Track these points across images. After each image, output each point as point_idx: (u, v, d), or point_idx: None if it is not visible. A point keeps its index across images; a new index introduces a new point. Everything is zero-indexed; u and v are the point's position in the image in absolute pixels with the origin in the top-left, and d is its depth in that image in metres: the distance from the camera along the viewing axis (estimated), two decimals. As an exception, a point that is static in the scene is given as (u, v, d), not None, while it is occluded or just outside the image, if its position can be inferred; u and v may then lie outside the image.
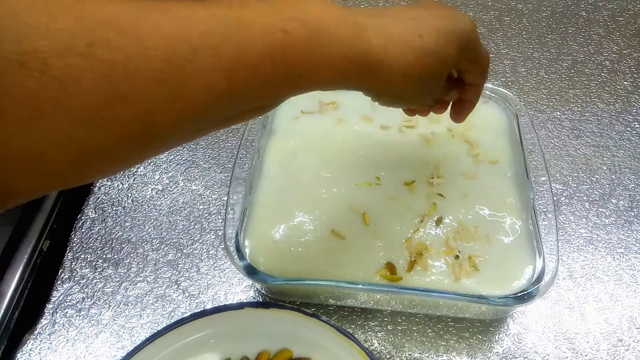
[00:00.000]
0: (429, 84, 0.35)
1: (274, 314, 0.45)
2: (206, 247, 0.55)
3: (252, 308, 0.45)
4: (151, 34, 0.25)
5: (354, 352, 0.43)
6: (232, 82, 0.27)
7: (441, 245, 0.47)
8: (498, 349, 0.48)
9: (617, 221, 0.56)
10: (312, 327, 0.44)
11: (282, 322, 0.45)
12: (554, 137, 0.64)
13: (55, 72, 0.22)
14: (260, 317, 0.45)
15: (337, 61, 0.30)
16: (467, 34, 0.36)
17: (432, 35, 0.34)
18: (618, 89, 0.69)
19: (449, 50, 0.35)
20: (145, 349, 0.43)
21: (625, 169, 0.60)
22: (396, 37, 0.32)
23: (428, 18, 0.35)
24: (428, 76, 0.34)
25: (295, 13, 0.29)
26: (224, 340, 0.46)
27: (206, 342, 0.45)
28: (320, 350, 0.45)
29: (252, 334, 0.46)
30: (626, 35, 0.75)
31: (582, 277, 0.52)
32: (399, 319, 0.50)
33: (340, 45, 0.30)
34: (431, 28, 0.34)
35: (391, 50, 0.32)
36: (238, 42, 0.27)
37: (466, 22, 0.36)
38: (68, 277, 0.53)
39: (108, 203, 0.59)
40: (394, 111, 0.58)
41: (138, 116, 0.25)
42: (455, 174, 0.52)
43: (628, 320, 0.49)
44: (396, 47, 0.32)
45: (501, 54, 0.73)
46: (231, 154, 0.63)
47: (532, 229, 0.47)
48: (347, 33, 0.30)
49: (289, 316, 0.45)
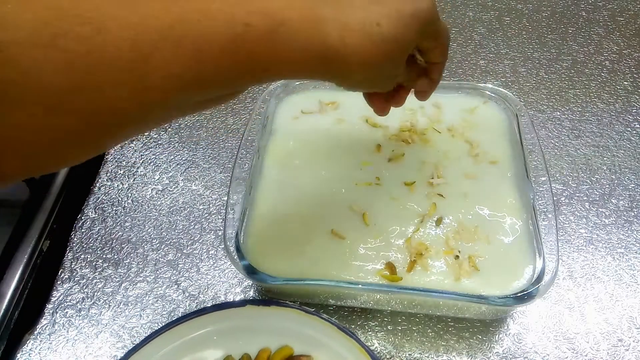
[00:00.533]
0: (388, 69, 0.36)
1: (275, 312, 0.45)
2: (206, 247, 0.55)
3: (253, 306, 0.46)
4: (115, 25, 0.25)
5: (355, 349, 0.43)
6: (195, 72, 0.28)
7: (441, 245, 0.47)
8: (498, 349, 0.48)
9: (617, 221, 0.56)
10: (313, 324, 0.44)
11: (283, 319, 0.45)
12: (554, 137, 0.64)
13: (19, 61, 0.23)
14: (262, 315, 0.45)
15: (298, 54, 0.31)
16: (426, 14, 0.36)
17: (392, 22, 0.33)
18: (618, 89, 0.68)
19: (409, 34, 0.35)
20: (147, 346, 0.44)
21: (625, 169, 0.60)
22: (354, 26, 0.32)
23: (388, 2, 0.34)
24: (386, 62, 0.34)
25: (259, 5, 0.29)
26: (225, 337, 0.46)
27: (207, 339, 0.45)
28: (321, 348, 0.45)
29: (253, 332, 0.46)
30: (626, 35, 0.75)
31: (582, 277, 0.52)
32: (399, 319, 0.50)
33: (300, 38, 0.30)
34: (391, 13, 0.34)
35: (349, 41, 0.32)
36: (201, 33, 0.27)
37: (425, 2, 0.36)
38: (68, 277, 0.53)
39: (108, 203, 0.59)
40: (394, 111, 0.58)
41: (105, 105, 0.26)
42: (455, 174, 0.52)
43: (628, 320, 0.49)
44: (354, 38, 0.32)
45: (501, 54, 0.73)
46: (231, 154, 0.63)
47: (532, 229, 0.47)
48: (307, 26, 0.31)
49: (290, 314, 0.45)
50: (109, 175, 0.61)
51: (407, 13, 0.34)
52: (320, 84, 0.59)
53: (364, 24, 0.33)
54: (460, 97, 0.58)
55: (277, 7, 0.30)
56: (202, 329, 0.45)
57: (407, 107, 0.58)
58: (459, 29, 0.77)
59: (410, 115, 0.57)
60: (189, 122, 0.66)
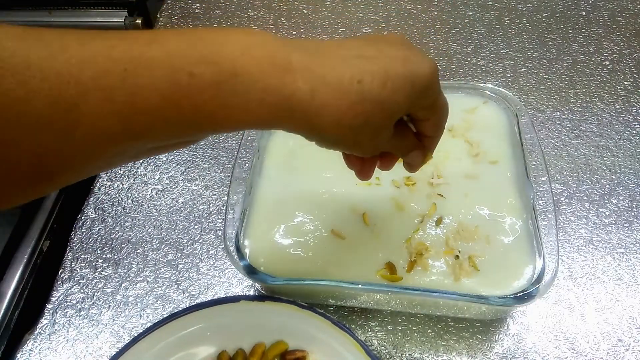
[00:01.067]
0: (368, 133, 0.32)
1: (269, 307, 0.45)
2: (206, 247, 0.55)
3: (247, 301, 0.46)
4: (37, 76, 0.23)
5: (349, 344, 0.43)
6: (128, 125, 0.26)
7: (441, 245, 0.47)
8: (498, 349, 0.48)
9: (617, 221, 0.56)
10: (307, 319, 0.44)
11: (277, 315, 0.45)
12: (554, 137, 0.64)
13: None
14: (256, 310, 0.45)
15: (254, 107, 0.28)
16: (423, 80, 0.32)
17: (377, 80, 0.30)
18: (618, 89, 0.68)
19: (396, 98, 0.31)
20: (141, 342, 0.44)
21: (625, 169, 0.60)
22: (329, 80, 0.29)
23: (377, 58, 0.31)
24: (366, 125, 0.31)
25: (208, 53, 0.26)
26: (219, 333, 0.46)
27: (202, 334, 0.45)
28: (315, 343, 0.45)
29: (247, 327, 0.46)
30: (626, 35, 0.75)
31: (582, 277, 0.52)
32: (399, 319, 0.50)
33: (258, 90, 0.27)
34: (378, 71, 0.30)
35: (320, 96, 0.29)
36: (135, 84, 0.25)
37: (424, 67, 0.32)
38: (68, 277, 0.53)
39: (108, 203, 0.59)
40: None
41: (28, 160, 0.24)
42: (455, 174, 0.52)
43: (628, 320, 0.49)
44: (327, 92, 0.29)
45: (501, 54, 0.73)
46: (231, 154, 0.63)
47: (532, 229, 0.47)
48: (269, 76, 0.27)
49: (285, 309, 0.45)
50: (109, 175, 0.61)
51: (400, 75, 0.31)
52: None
53: (342, 79, 0.29)
54: (460, 97, 0.58)
55: (231, 55, 0.27)
56: (196, 324, 0.45)
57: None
58: (459, 29, 0.77)
59: (410, 115, 0.57)
60: (189, 122, 0.66)
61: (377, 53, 0.31)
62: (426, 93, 0.33)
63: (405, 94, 0.31)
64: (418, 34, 0.76)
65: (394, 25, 0.78)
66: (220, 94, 0.27)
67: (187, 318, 0.45)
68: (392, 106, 0.31)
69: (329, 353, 0.44)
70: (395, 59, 0.31)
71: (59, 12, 0.82)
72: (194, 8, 0.82)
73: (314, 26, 0.78)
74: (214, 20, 0.79)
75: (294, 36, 0.76)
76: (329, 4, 0.81)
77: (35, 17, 0.82)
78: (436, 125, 0.37)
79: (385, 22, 0.78)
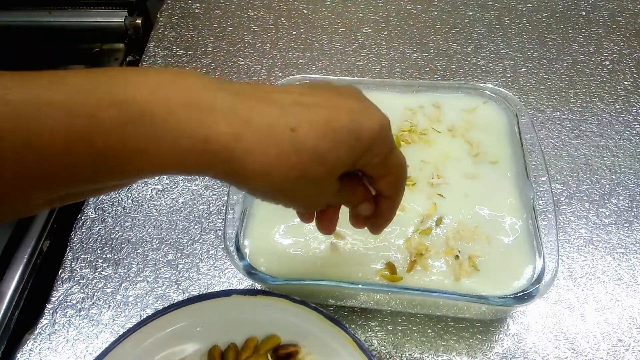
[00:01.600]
0: (308, 187, 0.29)
1: (261, 301, 0.45)
2: (206, 247, 0.55)
3: (239, 295, 0.45)
4: None
5: (342, 338, 0.43)
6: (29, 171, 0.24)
7: (441, 245, 0.47)
8: (498, 349, 0.48)
9: (617, 221, 0.56)
10: (300, 314, 0.44)
11: (270, 309, 0.45)
12: (554, 137, 0.64)
13: None
14: (248, 305, 0.45)
15: (166, 151, 0.25)
16: (370, 135, 0.29)
17: (315, 132, 0.27)
18: (618, 89, 0.68)
19: (338, 152, 0.28)
20: (131, 337, 0.43)
21: (625, 169, 0.60)
22: (257, 125, 0.26)
23: (319, 107, 0.29)
24: (302, 178, 0.28)
25: (112, 94, 0.25)
26: (211, 327, 0.45)
27: (193, 329, 0.45)
28: (308, 337, 0.45)
29: (239, 322, 0.45)
30: (626, 35, 0.75)
31: (582, 277, 0.52)
32: (399, 319, 0.50)
33: (169, 132, 0.25)
34: (317, 121, 0.28)
35: (245, 142, 0.26)
36: (31, 128, 0.23)
37: (373, 121, 0.30)
38: (68, 277, 0.53)
39: (108, 203, 0.59)
40: (394, 111, 0.58)
41: None
42: (455, 174, 0.52)
43: (628, 320, 0.49)
44: (253, 138, 0.26)
45: (501, 54, 0.73)
46: (231, 154, 0.63)
47: (532, 229, 0.47)
48: (182, 117, 0.25)
49: (277, 303, 0.45)
50: (109, 175, 0.61)
51: (342, 127, 0.28)
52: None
53: (273, 126, 0.27)
54: (460, 97, 0.58)
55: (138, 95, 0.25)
56: (187, 320, 0.45)
57: (407, 107, 0.58)
58: (459, 29, 0.77)
59: (410, 115, 0.57)
60: (189, 122, 0.66)
61: (320, 101, 0.29)
62: (374, 149, 0.30)
63: (349, 148, 0.29)
64: (418, 34, 0.76)
65: (394, 25, 0.78)
66: (126, 137, 0.25)
67: (177, 313, 0.44)
68: (332, 160, 0.28)
69: (321, 347, 0.44)
70: (340, 109, 0.29)
71: (59, 12, 0.82)
72: (194, 8, 0.82)
73: (314, 26, 0.78)
74: (214, 21, 0.80)
75: (293, 36, 0.76)
76: (329, 4, 0.81)
77: (35, 17, 0.82)
78: (392, 185, 0.34)
79: (385, 22, 0.78)
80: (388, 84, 0.60)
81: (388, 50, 0.74)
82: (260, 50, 0.75)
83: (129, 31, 0.81)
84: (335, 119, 0.28)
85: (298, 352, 0.45)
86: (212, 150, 0.26)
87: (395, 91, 0.59)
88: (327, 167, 0.29)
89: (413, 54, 0.74)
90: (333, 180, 0.30)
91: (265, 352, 0.45)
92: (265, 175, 0.27)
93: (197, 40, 0.77)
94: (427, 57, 0.73)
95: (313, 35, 0.77)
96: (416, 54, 0.74)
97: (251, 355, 0.45)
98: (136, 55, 0.80)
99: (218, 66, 0.73)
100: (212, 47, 0.76)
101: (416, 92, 0.59)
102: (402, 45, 0.75)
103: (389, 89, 0.59)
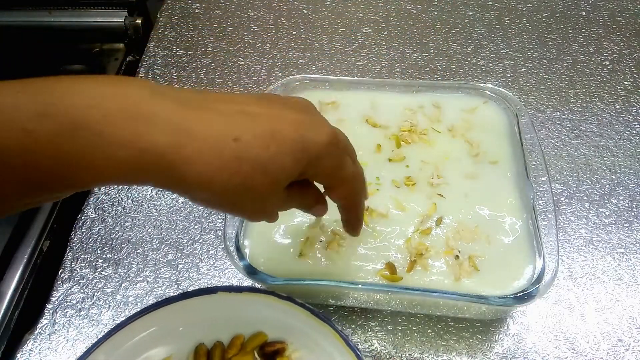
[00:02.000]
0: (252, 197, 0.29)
1: (248, 298, 0.44)
2: (206, 247, 0.55)
3: (225, 292, 0.44)
4: None
5: (329, 334, 0.42)
6: None
7: (441, 245, 0.47)
8: (498, 349, 0.48)
9: (617, 221, 0.56)
10: (286, 310, 0.44)
11: (256, 306, 0.45)
12: (554, 137, 0.64)
13: None
14: (234, 302, 0.45)
15: (102, 163, 0.25)
16: (317, 148, 0.29)
17: (259, 140, 0.27)
18: (618, 89, 0.68)
19: (282, 163, 0.28)
20: (114, 337, 0.42)
21: (625, 169, 0.60)
22: (199, 134, 0.26)
23: (264, 117, 0.29)
24: (244, 187, 0.28)
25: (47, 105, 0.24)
26: (197, 325, 0.45)
27: (177, 328, 0.45)
28: (295, 334, 0.44)
29: (225, 319, 0.45)
30: (626, 35, 0.75)
31: (582, 277, 0.52)
32: (399, 319, 0.50)
33: (105, 144, 0.25)
34: (262, 132, 0.28)
35: (187, 151, 0.26)
36: None
37: (321, 134, 0.30)
38: (68, 277, 0.53)
39: (108, 203, 0.59)
40: (394, 111, 0.58)
41: None
42: (455, 174, 0.52)
43: (628, 320, 0.49)
44: (194, 148, 0.26)
45: (501, 54, 0.73)
46: (231, 154, 0.63)
47: (532, 229, 0.47)
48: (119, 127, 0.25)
49: (264, 300, 0.44)
50: (109, 175, 0.61)
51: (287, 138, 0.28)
52: (320, 84, 0.59)
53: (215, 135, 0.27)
54: (460, 97, 0.58)
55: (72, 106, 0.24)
56: (172, 318, 0.44)
57: (407, 107, 0.58)
58: (459, 29, 0.77)
59: (410, 115, 0.57)
60: (189, 122, 0.66)
61: (265, 112, 0.29)
62: (321, 162, 0.30)
63: (294, 159, 0.29)
64: (418, 34, 0.76)
65: (394, 25, 0.78)
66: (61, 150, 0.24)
67: (162, 312, 0.44)
68: (276, 171, 0.28)
69: (308, 344, 0.44)
70: (286, 121, 0.29)
71: (58, 12, 0.82)
72: (194, 8, 0.82)
73: (314, 26, 0.78)
74: (214, 21, 0.80)
75: (293, 36, 0.76)
76: (329, 4, 0.81)
77: (35, 17, 0.82)
78: (345, 196, 0.34)
79: (385, 22, 0.78)
80: (388, 84, 0.60)
81: (388, 50, 0.74)
82: (260, 50, 0.75)
83: (129, 31, 0.81)
84: (279, 129, 0.28)
85: (285, 349, 0.44)
86: (151, 160, 0.26)
87: (395, 91, 0.59)
88: (270, 178, 0.28)
89: (413, 54, 0.74)
90: (278, 190, 0.30)
91: (252, 350, 0.45)
92: (207, 185, 0.27)
93: (197, 40, 0.77)
94: (427, 57, 0.73)
95: (313, 35, 0.77)
96: (416, 54, 0.74)
97: (237, 353, 0.45)
98: (136, 55, 0.80)
99: (218, 66, 0.73)
100: (212, 47, 0.76)
101: (416, 92, 0.59)
102: (402, 45, 0.75)
103: (389, 89, 0.59)
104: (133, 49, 0.82)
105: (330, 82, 0.60)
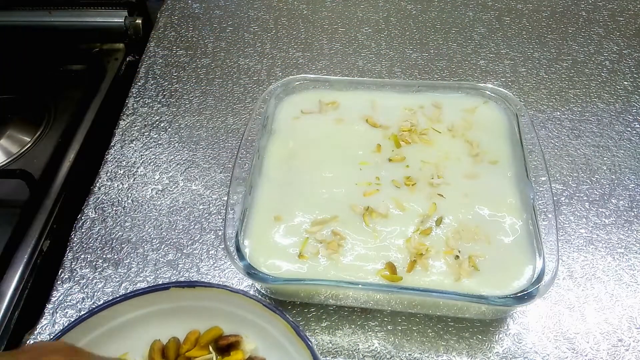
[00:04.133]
0: None
1: (201, 293, 0.44)
2: (206, 247, 0.55)
3: (178, 288, 0.44)
4: None
5: (281, 326, 0.43)
6: None
7: (441, 245, 0.47)
8: (498, 349, 0.48)
9: (617, 221, 0.56)
10: (240, 303, 0.44)
11: (209, 300, 0.45)
12: (554, 137, 0.64)
13: None
14: (188, 297, 0.45)
15: None
16: None
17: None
18: (618, 89, 0.68)
19: None
20: (67, 335, 0.42)
21: (625, 169, 0.60)
22: None
23: None
24: None
25: None
26: (151, 322, 0.45)
27: (132, 325, 0.44)
28: (249, 326, 0.45)
29: (180, 314, 0.45)
30: (626, 35, 0.75)
31: (582, 277, 0.52)
32: (399, 319, 0.50)
33: None
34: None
35: None
36: None
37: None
38: (68, 277, 0.53)
39: (108, 203, 0.59)
40: (394, 111, 0.58)
41: None
42: (455, 174, 0.52)
43: (628, 320, 0.49)
44: None
45: (501, 54, 0.73)
46: (231, 154, 0.63)
47: (532, 229, 0.47)
48: None
49: (217, 294, 0.44)
50: (109, 175, 0.61)
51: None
52: (320, 84, 0.59)
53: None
54: (460, 97, 0.58)
55: None
56: (127, 314, 0.44)
57: (407, 107, 0.58)
58: (459, 29, 0.77)
59: (410, 115, 0.57)
60: (189, 122, 0.66)
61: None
62: None
63: None
64: (418, 34, 0.76)
65: (394, 25, 0.78)
66: None
67: (115, 309, 0.44)
68: None
69: (262, 336, 0.44)
70: None
71: (59, 12, 0.82)
72: (194, 8, 0.82)
73: (314, 26, 0.78)
74: (214, 21, 0.80)
75: (293, 36, 0.76)
76: (329, 4, 0.81)
77: (35, 17, 0.82)
78: None
79: (385, 22, 0.78)
80: (388, 84, 0.60)
81: (388, 50, 0.74)
82: (260, 50, 0.75)
83: (129, 31, 0.81)
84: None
85: (240, 342, 0.44)
86: None
87: (395, 91, 0.59)
88: None
89: (413, 54, 0.74)
90: None
91: (206, 344, 0.45)
92: None
93: (197, 40, 0.77)
94: (427, 57, 0.73)
95: (313, 35, 0.77)
96: (416, 54, 0.74)
97: (192, 348, 0.45)
98: (136, 55, 0.80)
99: (218, 66, 0.73)
100: (212, 47, 0.76)
101: (416, 92, 0.59)
102: (402, 45, 0.75)
103: (389, 89, 0.59)
104: (133, 49, 0.82)
105: (330, 82, 0.60)
